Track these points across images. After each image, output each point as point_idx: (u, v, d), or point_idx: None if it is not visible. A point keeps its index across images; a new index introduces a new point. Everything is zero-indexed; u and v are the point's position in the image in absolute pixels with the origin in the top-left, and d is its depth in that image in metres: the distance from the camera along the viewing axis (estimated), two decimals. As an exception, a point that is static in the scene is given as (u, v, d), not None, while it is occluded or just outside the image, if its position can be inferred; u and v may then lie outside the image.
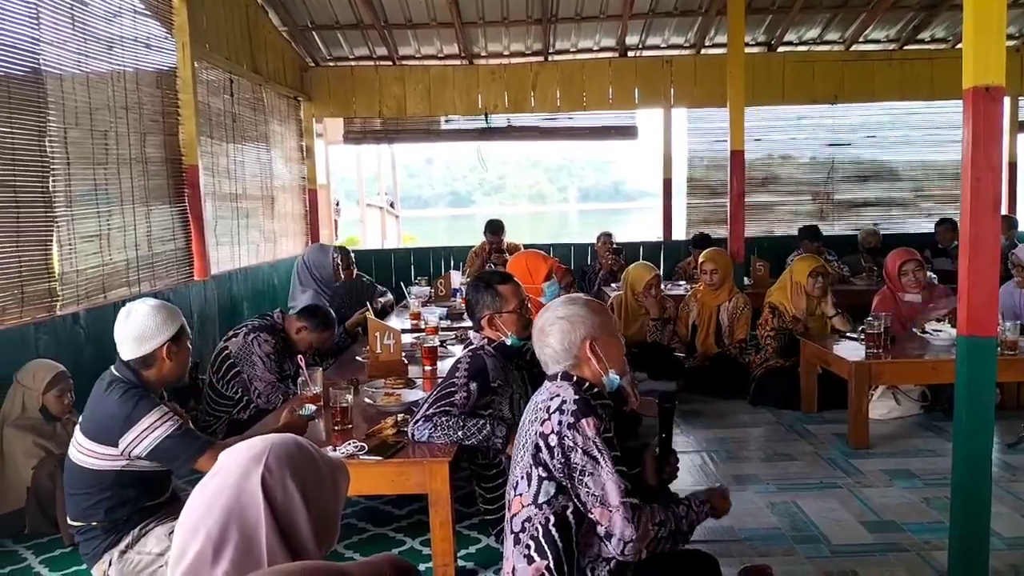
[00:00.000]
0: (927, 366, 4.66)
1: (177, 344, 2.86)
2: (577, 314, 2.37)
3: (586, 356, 2.34)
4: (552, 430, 2.21)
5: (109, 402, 2.73)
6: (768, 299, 5.67)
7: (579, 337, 2.34)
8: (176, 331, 2.85)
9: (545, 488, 2.22)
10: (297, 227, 9.35)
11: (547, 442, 2.21)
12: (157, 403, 2.77)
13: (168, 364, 2.85)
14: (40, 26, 4.41)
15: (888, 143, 10.08)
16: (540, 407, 2.30)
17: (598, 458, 2.16)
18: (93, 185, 4.94)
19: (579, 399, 2.24)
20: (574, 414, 2.20)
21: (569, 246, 10.00)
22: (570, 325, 2.35)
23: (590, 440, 2.17)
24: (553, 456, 2.20)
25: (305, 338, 4.48)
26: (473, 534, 3.60)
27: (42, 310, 4.37)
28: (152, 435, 2.69)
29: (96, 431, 2.71)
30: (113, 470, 2.72)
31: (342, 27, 8.74)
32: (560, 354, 2.36)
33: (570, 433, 2.18)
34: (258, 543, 1.32)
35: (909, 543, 3.38)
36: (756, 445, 4.79)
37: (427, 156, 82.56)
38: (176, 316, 2.90)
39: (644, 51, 9.58)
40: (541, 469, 2.22)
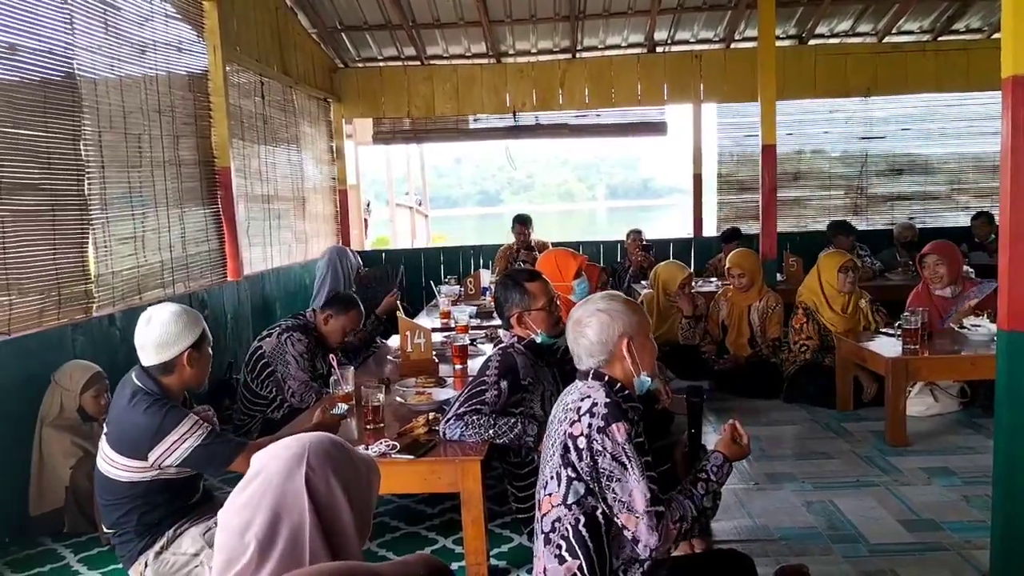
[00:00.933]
0: (966, 362, 4.57)
1: (198, 351, 2.83)
2: (617, 309, 2.35)
3: (621, 353, 2.33)
4: (582, 432, 2.20)
5: (136, 415, 2.70)
6: (799, 298, 5.56)
7: (616, 333, 2.32)
8: (197, 337, 2.82)
9: (574, 488, 2.21)
10: (328, 228, 9.41)
11: (576, 444, 2.20)
12: (185, 412, 2.74)
13: (189, 371, 2.81)
14: (74, 31, 4.47)
15: (923, 136, 9.91)
16: (571, 407, 2.29)
17: (626, 464, 2.14)
18: (127, 188, 5.01)
19: (610, 402, 2.22)
20: (604, 418, 2.18)
21: (598, 244, 9.96)
22: (609, 319, 2.33)
23: (619, 445, 2.15)
24: (582, 458, 2.19)
25: (335, 326, 4.52)
26: (505, 532, 3.59)
27: (79, 312, 4.42)
28: (183, 445, 2.68)
29: (125, 445, 2.69)
30: (143, 480, 2.72)
31: (370, 28, 8.78)
32: (596, 347, 2.34)
33: (599, 437, 2.17)
34: (303, 542, 1.34)
35: (949, 542, 3.32)
36: (790, 443, 4.73)
37: (456, 155, 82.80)
38: (197, 322, 2.86)
39: (673, 46, 9.51)
40: (570, 470, 2.21)
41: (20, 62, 4.07)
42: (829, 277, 5.37)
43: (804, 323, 5.44)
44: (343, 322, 4.54)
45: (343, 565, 1.34)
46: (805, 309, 5.47)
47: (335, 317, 4.52)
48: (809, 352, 5.39)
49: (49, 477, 3.79)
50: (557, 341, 3.45)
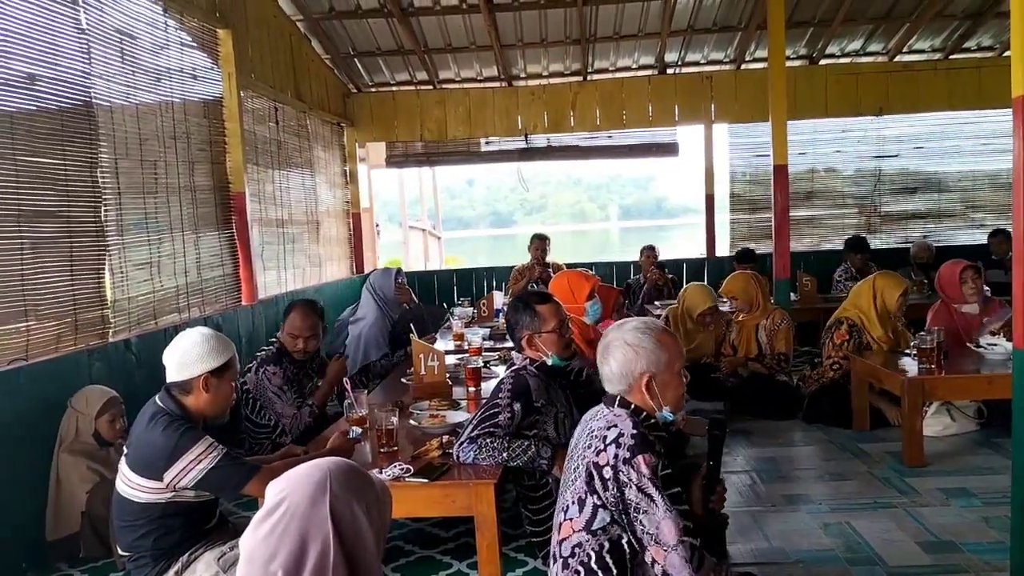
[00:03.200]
0: (982, 381, 4.53)
1: (217, 378, 2.82)
2: (644, 345, 2.32)
3: (640, 388, 2.32)
4: (607, 462, 2.18)
5: (154, 435, 2.71)
6: (843, 314, 5.46)
7: (638, 369, 2.31)
8: (218, 365, 2.81)
9: (600, 516, 2.19)
10: (342, 251, 9.46)
11: (601, 473, 2.18)
12: (202, 434, 2.75)
13: (204, 396, 2.81)
14: (91, 60, 4.54)
15: (936, 154, 9.88)
16: (596, 435, 2.27)
17: (653, 496, 2.12)
18: (143, 214, 5.06)
19: (637, 433, 2.20)
20: (631, 449, 2.16)
21: (611, 264, 9.97)
22: (635, 355, 2.32)
23: (645, 478, 2.13)
24: (607, 488, 2.17)
25: (290, 335, 4.40)
26: (520, 556, 3.58)
27: (95, 337, 4.46)
28: (198, 467, 2.68)
29: (141, 465, 2.71)
30: (160, 502, 2.72)
31: (383, 53, 8.87)
32: (616, 377, 2.34)
33: (625, 468, 2.15)
34: (327, 569, 1.33)
35: (969, 564, 3.28)
36: (807, 464, 4.69)
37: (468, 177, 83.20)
38: (223, 350, 2.85)
39: (684, 68, 9.56)
40: (595, 497, 2.20)
41: (38, 91, 4.13)
42: (890, 300, 5.28)
43: (846, 340, 5.33)
44: (294, 328, 4.40)
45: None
46: (851, 326, 5.36)
47: (288, 328, 4.42)
48: (840, 372, 5.33)
49: (65, 502, 3.81)
50: (569, 363, 3.46)
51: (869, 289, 5.39)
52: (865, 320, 5.36)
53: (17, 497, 3.70)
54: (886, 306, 5.31)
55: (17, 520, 3.70)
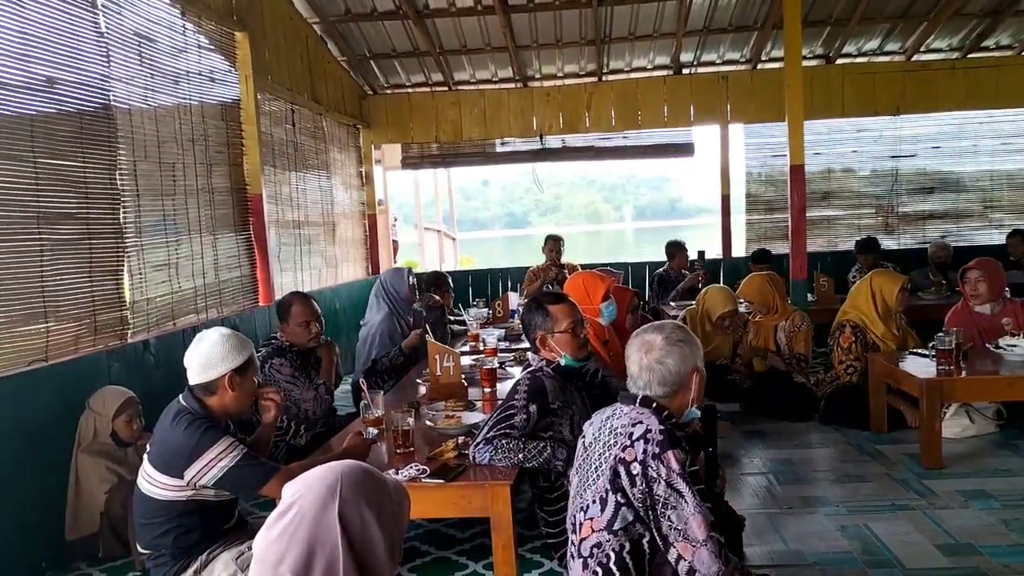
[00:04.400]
0: (1002, 383, 4.49)
1: (241, 376, 2.87)
2: (693, 343, 2.38)
3: (689, 385, 2.34)
4: (635, 458, 2.18)
5: (176, 434, 2.75)
6: (844, 317, 5.45)
7: (691, 366, 2.34)
8: (242, 363, 2.86)
9: (623, 515, 2.19)
10: (357, 252, 9.49)
11: (629, 470, 2.18)
12: (223, 433, 2.78)
13: (230, 395, 2.86)
14: (110, 64, 4.58)
15: (954, 153, 9.82)
16: (620, 432, 2.27)
17: (682, 491, 2.12)
18: (162, 216, 5.10)
19: (665, 429, 2.20)
20: (660, 444, 2.16)
21: (626, 265, 9.95)
22: (690, 351, 2.35)
23: (675, 473, 2.13)
24: (634, 484, 2.17)
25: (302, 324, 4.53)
26: (536, 557, 3.58)
27: (114, 338, 4.50)
28: (218, 465, 2.71)
29: (163, 462, 2.74)
30: (180, 500, 2.75)
31: (399, 55, 8.90)
32: (673, 377, 2.33)
33: (654, 463, 2.15)
34: (337, 573, 1.33)
35: (988, 567, 3.25)
36: (824, 466, 4.67)
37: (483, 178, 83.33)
38: (244, 347, 2.90)
39: (699, 68, 9.54)
40: (620, 495, 2.19)
41: (58, 95, 4.17)
42: (889, 296, 5.28)
43: (853, 343, 5.32)
44: (296, 320, 4.53)
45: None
46: (854, 328, 5.35)
47: (287, 322, 4.55)
48: (857, 375, 5.30)
49: (84, 502, 3.84)
50: (585, 365, 3.45)
51: (867, 289, 5.38)
52: (867, 320, 5.34)
53: (37, 497, 3.74)
54: (886, 303, 5.29)
55: (37, 520, 3.74)
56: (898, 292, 5.25)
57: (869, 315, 5.35)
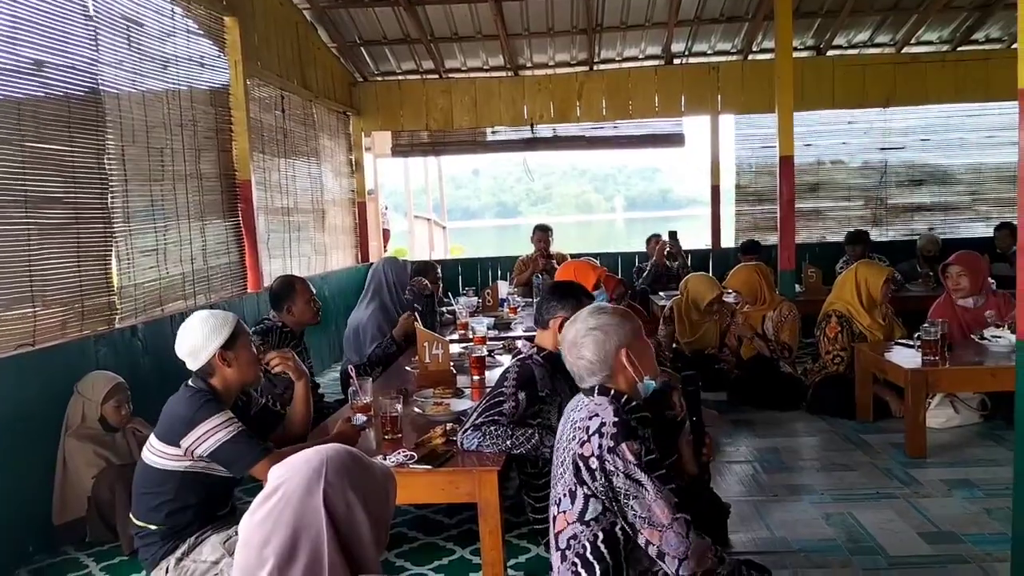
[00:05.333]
0: (986, 373, 4.53)
1: (231, 350, 2.91)
2: (608, 323, 2.34)
3: (621, 365, 2.32)
4: (592, 453, 2.18)
5: (178, 406, 2.84)
6: (830, 307, 5.49)
7: (613, 346, 2.31)
8: (227, 338, 2.89)
9: (592, 506, 2.20)
10: (347, 240, 9.47)
11: (588, 464, 2.19)
12: (222, 408, 2.84)
13: (228, 371, 2.91)
14: (98, 48, 4.55)
15: (943, 146, 9.86)
16: (579, 426, 2.27)
17: (641, 480, 2.13)
18: (150, 201, 5.07)
19: (619, 420, 2.20)
20: (614, 438, 2.16)
21: (616, 255, 9.97)
22: (604, 335, 2.32)
23: (631, 464, 2.13)
24: (595, 479, 2.17)
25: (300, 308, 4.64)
26: (523, 543, 3.60)
27: (102, 323, 4.48)
28: (214, 437, 2.77)
29: (164, 432, 2.82)
30: (178, 471, 2.80)
31: (389, 42, 8.86)
32: (596, 365, 2.33)
33: (611, 457, 2.15)
34: (321, 557, 1.33)
35: (970, 554, 3.29)
36: (810, 455, 4.70)
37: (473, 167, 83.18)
38: (225, 323, 2.93)
39: (690, 58, 9.54)
40: (585, 488, 2.20)
41: (46, 78, 4.14)
42: (874, 288, 5.31)
43: (839, 332, 5.36)
44: (301, 300, 4.63)
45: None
46: (840, 318, 5.38)
47: (293, 302, 4.62)
48: (843, 364, 5.34)
49: (72, 487, 3.84)
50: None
51: (852, 280, 5.41)
52: (852, 310, 5.38)
53: (24, 481, 3.73)
54: (871, 294, 5.33)
55: (24, 504, 3.73)
56: (882, 284, 5.28)
57: (854, 306, 5.38)
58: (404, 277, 5.75)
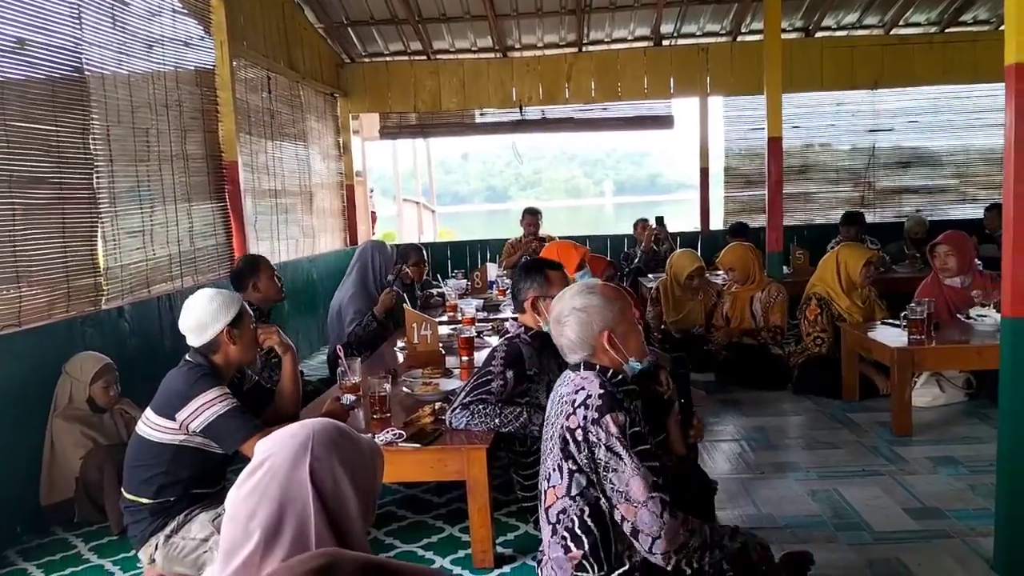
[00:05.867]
0: (971, 352, 4.56)
1: (238, 327, 2.98)
2: (593, 304, 2.34)
3: (603, 347, 2.32)
4: (578, 425, 2.20)
5: (175, 380, 2.88)
6: (811, 290, 5.53)
7: (596, 328, 2.32)
8: (235, 315, 2.97)
9: (577, 480, 2.22)
10: (335, 222, 9.44)
11: (574, 436, 2.21)
12: (218, 383, 2.88)
13: (232, 348, 2.97)
14: (82, 27, 4.50)
15: (930, 128, 9.87)
16: (566, 400, 2.29)
17: (621, 454, 2.14)
18: (136, 182, 5.03)
19: (604, 393, 2.22)
20: (598, 409, 2.18)
21: (605, 238, 9.97)
22: (587, 316, 2.33)
23: (613, 436, 2.15)
24: (580, 450, 2.19)
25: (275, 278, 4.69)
26: (511, 521, 3.61)
27: (88, 304, 4.46)
28: (208, 411, 2.80)
29: (161, 405, 2.86)
30: (172, 444, 2.83)
31: (377, 23, 8.80)
32: (577, 345, 2.35)
33: (594, 428, 2.17)
34: (308, 530, 1.32)
35: (954, 530, 3.33)
36: (796, 433, 4.74)
37: (463, 152, 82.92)
38: (233, 301, 3.01)
39: (679, 39, 9.51)
40: (571, 462, 2.22)
41: (30, 58, 4.09)
42: (853, 270, 5.34)
43: (818, 314, 5.39)
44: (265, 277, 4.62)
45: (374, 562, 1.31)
46: (819, 300, 5.42)
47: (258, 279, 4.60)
48: (825, 346, 5.37)
49: (60, 467, 3.83)
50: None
51: (832, 262, 5.46)
52: (831, 292, 5.42)
53: (12, 462, 3.72)
54: (850, 277, 5.37)
55: (12, 485, 3.72)
56: (862, 267, 5.31)
57: (833, 288, 5.42)
58: (389, 261, 5.72)
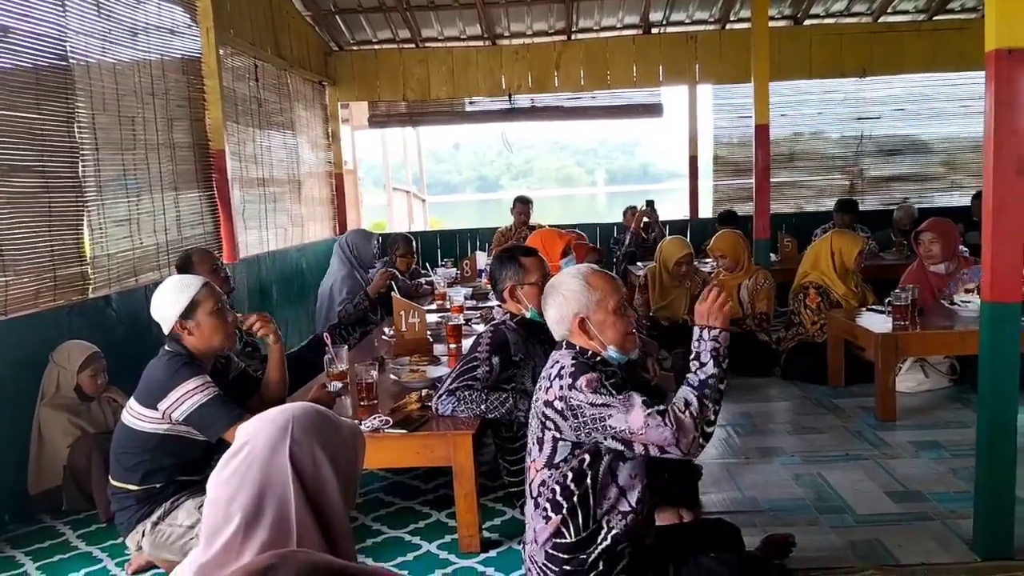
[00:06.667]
0: (955, 337, 4.60)
1: (190, 318, 2.93)
2: (572, 289, 2.40)
3: (577, 331, 2.38)
4: (556, 396, 2.27)
5: (156, 369, 2.89)
6: (805, 279, 5.55)
7: (571, 312, 2.38)
8: (184, 307, 2.92)
9: (560, 449, 2.28)
10: (324, 211, 9.42)
11: (555, 407, 2.27)
12: (199, 372, 2.89)
13: (192, 338, 2.95)
14: (66, 15, 4.47)
15: (918, 116, 9.89)
16: (544, 376, 2.39)
17: (608, 402, 2.20)
18: (122, 170, 5.02)
19: (575, 362, 2.30)
20: (572, 375, 2.26)
21: (595, 226, 9.98)
22: (563, 299, 2.40)
23: (590, 392, 2.21)
24: (566, 419, 2.25)
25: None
26: (498, 507, 3.64)
27: (75, 293, 4.45)
28: (189, 401, 2.82)
29: (142, 395, 2.87)
30: (156, 434, 2.85)
31: (365, 10, 8.76)
32: (554, 323, 2.44)
33: (572, 393, 2.24)
34: (289, 513, 1.33)
35: (935, 512, 3.36)
36: (782, 418, 4.78)
37: (454, 141, 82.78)
38: (183, 291, 2.96)
39: (668, 27, 9.49)
40: (555, 432, 2.28)
41: (13, 44, 4.07)
42: (848, 258, 5.39)
43: (820, 302, 5.42)
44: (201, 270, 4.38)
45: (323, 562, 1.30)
46: (818, 288, 5.45)
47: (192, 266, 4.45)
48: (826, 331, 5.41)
49: (47, 456, 3.84)
50: (548, 318, 3.50)
51: (827, 250, 5.49)
52: (828, 280, 5.46)
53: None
54: (844, 264, 5.42)
55: (0, 474, 3.73)
56: (856, 254, 5.37)
57: (829, 276, 5.46)
58: (367, 248, 5.73)
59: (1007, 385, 2.87)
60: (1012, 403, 2.88)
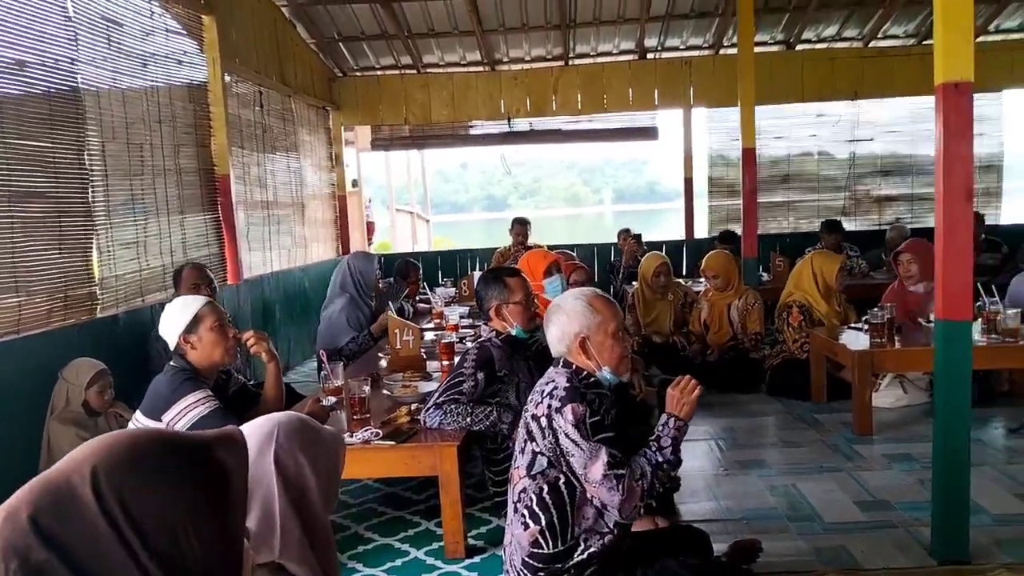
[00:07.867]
0: (929, 353, 4.68)
1: (193, 333, 3.14)
2: (576, 310, 2.55)
3: (576, 350, 2.54)
4: (543, 412, 2.43)
5: (161, 384, 3.08)
6: (791, 298, 5.72)
7: (572, 331, 2.53)
8: (187, 324, 3.13)
9: (539, 462, 2.44)
10: (328, 232, 9.64)
11: (539, 423, 2.44)
12: (201, 386, 3.08)
13: (195, 353, 3.14)
14: (78, 46, 4.70)
15: (909, 138, 10.09)
16: (537, 390, 2.54)
17: (578, 441, 2.36)
18: (130, 195, 5.24)
19: (569, 386, 2.44)
20: (561, 399, 2.41)
21: (592, 246, 10.16)
22: (567, 319, 2.55)
23: (571, 425, 2.37)
24: (544, 436, 2.42)
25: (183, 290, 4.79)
26: (485, 516, 3.80)
27: (84, 313, 4.65)
28: (191, 413, 3.00)
29: (148, 408, 3.06)
30: None
31: (367, 38, 9.02)
32: (555, 341, 2.59)
33: (556, 416, 2.40)
34: (273, 510, 1.50)
35: (898, 520, 3.52)
36: (764, 433, 4.94)
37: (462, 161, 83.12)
38: (186, 309, 3.17)
39: (663, 53, 9.73)
40: (534, 444, 2.45)
41: (27, 77, 4.30)
42: (829, 276, 5.56)
43: (802, 321, 5.59)
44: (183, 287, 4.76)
45: None
46: (800, 307, 5.62)
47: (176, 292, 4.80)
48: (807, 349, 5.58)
49: (56, 467, 4.00)
50: (533, 336, 3.69)
51: (808, 270, 5.67)
52: (811, 299, 5.62)
53: (9, 463, 3.90)
54: (827, 282, 5.57)
55: (9, 485, 3.86)
56: (837, 273, 5.54)
57: (812, 295, 5.63)
58: (369, 271, 5.82)
59: (960, 399, 3.03)
60: (965, 416, 3.05)
